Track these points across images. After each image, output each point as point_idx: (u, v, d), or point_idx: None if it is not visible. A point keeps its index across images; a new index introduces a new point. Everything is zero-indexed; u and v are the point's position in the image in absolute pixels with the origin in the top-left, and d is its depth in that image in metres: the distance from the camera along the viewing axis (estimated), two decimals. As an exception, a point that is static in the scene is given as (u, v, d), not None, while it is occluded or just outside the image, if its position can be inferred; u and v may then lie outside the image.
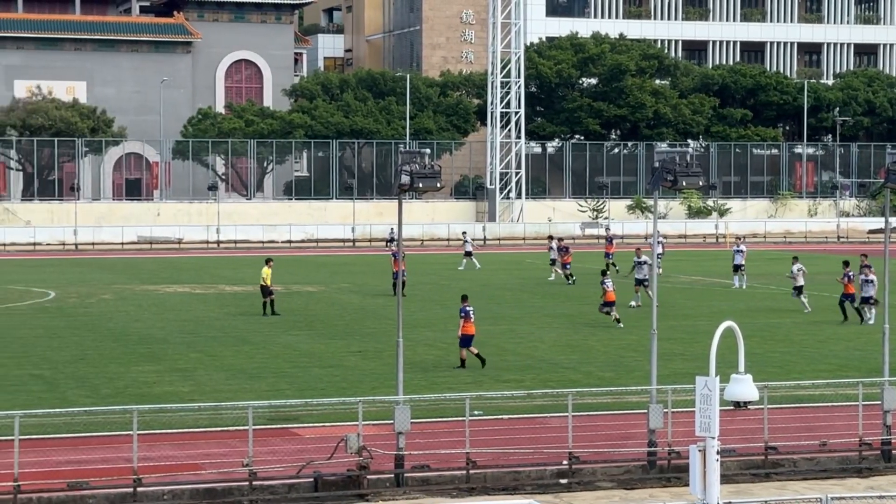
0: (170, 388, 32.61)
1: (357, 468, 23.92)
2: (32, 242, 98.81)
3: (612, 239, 72.18)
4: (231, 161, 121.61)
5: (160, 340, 41.61)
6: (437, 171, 25.03)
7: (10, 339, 41.95)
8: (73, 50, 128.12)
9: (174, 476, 23.61)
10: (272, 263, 49.99)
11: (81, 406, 29.06)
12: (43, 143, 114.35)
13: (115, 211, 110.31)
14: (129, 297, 56.69)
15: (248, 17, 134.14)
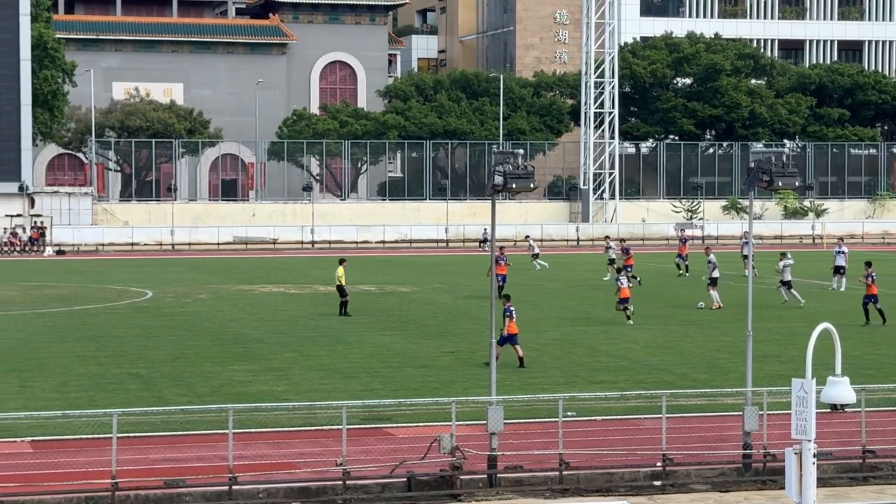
0: (265, 387, 32.82)
1: (450, 468, 23.93)
2: (130, 242, 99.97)
3: (685, 240, 71.25)
4: (325, 162, 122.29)
5: (255, 340, 41.92)
6: (531, 171, 24.98)
7: (109, 338, 42.47)
8: (171, 52, 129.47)
9: (269, 475, 23.76)
10: (346, 263, 50.07)
11: (178, 405, 29.34)
12: (141, 144, 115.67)
13: (211, 211, 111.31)
14: (224, 296, 57.17)
15: (342, 19, 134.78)
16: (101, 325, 45.95)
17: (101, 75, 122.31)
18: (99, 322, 47.09)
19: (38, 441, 26.05)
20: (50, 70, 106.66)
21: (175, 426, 26.66)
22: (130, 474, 22.98)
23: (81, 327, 45.52)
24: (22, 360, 37.25)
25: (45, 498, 22.21)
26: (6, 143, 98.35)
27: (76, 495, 22.37)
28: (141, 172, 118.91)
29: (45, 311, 51.13)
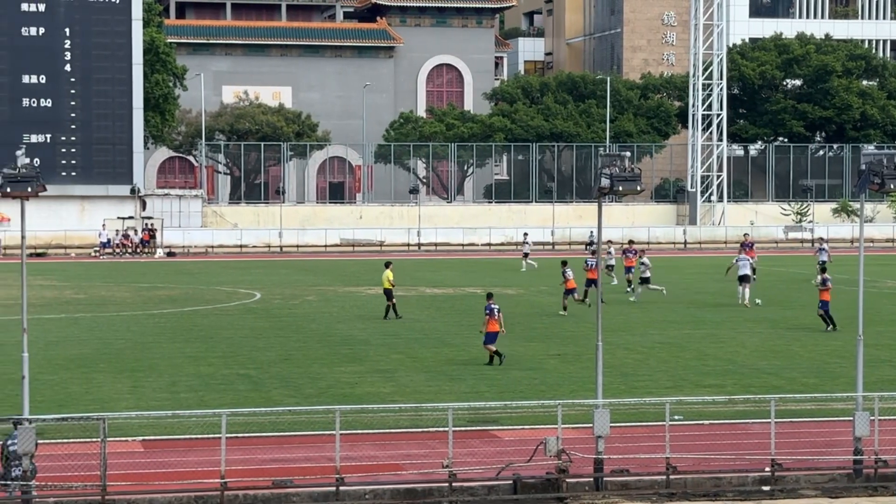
0: (371, 388, 32.99)
1: (556, 471, 23.91)
2: (239, 244, 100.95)
3: (752, 244, 70.04)
4: (432, 164, 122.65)
5: (362, 342, 42.14)
6: (638, 174, 24.89)
7: (219, 339, 42.93)
8: (279, 56, 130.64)
9: (375, 476, 23.88)
10: (392, 266, 50.13)
11: (286, 405, 29.60)
12: (250, 147, 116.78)
13: (319, 213, 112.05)
14: (332, 298, 57.54)
15: (449, 22, 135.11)
16: (211, 327, 46.45)
17: (211, 79, 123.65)
18: (209, 323, 47.61)
19: (149, 440, 26.41)
20: (161, 74, 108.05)
21: (283, 427, 26.90)
22: (239, 474, 23.22)
23: (192, 328, 46.05)
24: (133, 360, 37.78)
25: (155, 497, 22.51)
26: (118, 147, 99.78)
27: (186, 494, 22.65)
28: (250, 175, 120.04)
29: (155, 313, 51.80)
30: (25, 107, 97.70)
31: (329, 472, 23.38)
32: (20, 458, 21.88)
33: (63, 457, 22.93)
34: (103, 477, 22.23)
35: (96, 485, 22.25)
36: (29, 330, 26.50)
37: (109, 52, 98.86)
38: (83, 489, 22.36)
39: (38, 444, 22.27)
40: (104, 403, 30.22)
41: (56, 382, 33.53)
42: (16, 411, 26.64)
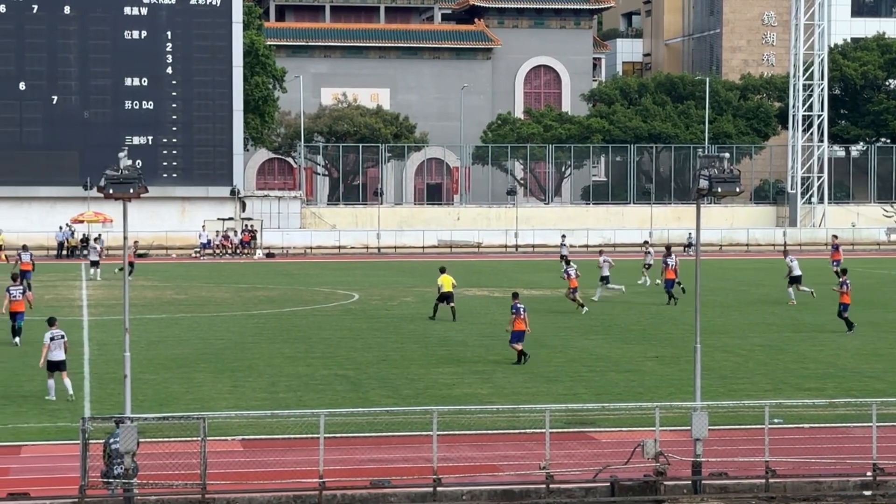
0: (469, 389, 33.03)
1: (654, 474, 23.81)
2: (337, 245, 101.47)
3: (838, 247, 69.13)
4: (529, 166, 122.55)
5: (459, 343, 42.20)
6: (737, 175, 24.72)
7: (317, 339, 43.20)
8: (378, 58, 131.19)
9: (472, 477, 23.91)
10: (446, 271, 50.17)
11: (384, 406, 29.72)
12: (348, 148, 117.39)
13: (417, 215, 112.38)
14: (429, 299, 57.53)
15: (547, 23, 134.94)
16: (310, 327, 46.76)
17: (310, 81, 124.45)
18: (307, 324, 47.93)
19: (248, 440, 26.64)
20: (261, 76, 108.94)
21: (381, 427, 27.02)
22: (337, 474, 23.35)
23: (290, 329, 46.38)
24: (233, 360, 38.12)
25: (254, 496, 22.70)
26: (219, 148, 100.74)
27: (285, 494, 22.81)
28: (348, 176, 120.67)
29: (255, 313, 52.23)
30: (128, 109, 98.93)
31: (426, 472, 23.44)
32: (122, 456, 22.17)
33: (164, 455, 23.19)
34: (203, 476, 22.46)
35: (196, 483, 22.48)
36: (131, 330, 26.86)
37: (210, 54, 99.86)
38: (183, 487, 22.60)
39: (140, 443, 22.54)
40: (204, 403, 30.53)
41: (157, 382, 33.92)
42: (118, 410, 27.01)
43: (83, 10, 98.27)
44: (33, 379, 33.94)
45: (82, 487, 22.17)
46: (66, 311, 52.46)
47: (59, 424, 28.09)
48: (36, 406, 30.39)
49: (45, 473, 24.36)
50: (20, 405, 30.50)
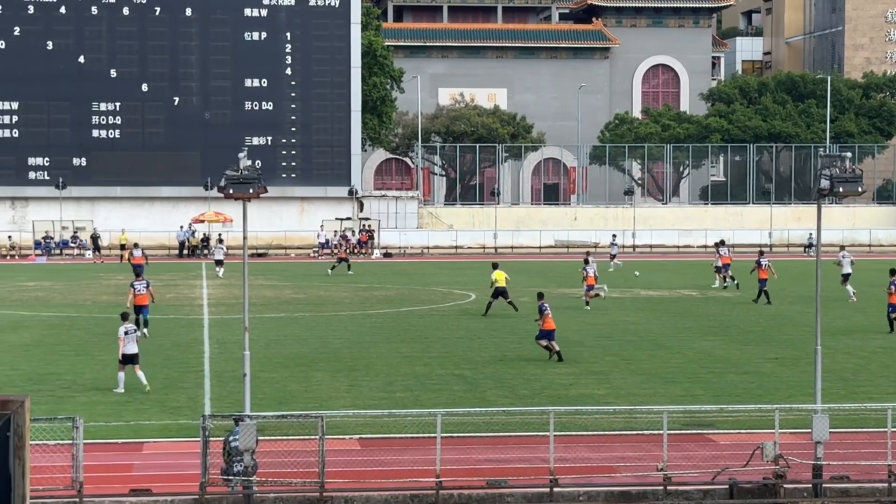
0: (585, 390, 32.94)
1: (773, 477, 23.56)
2: (454, 245, 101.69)
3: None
4: (647, 166, 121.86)
5: (576, 343, 42.09)
6: (859, 175, 24.38)
7: (434, 339, 43.33)
8: (495, 58, 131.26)
9: (589, 478, 23.84)
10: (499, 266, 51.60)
11: (500, 406, 29.74)
12: (465, 148, 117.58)
13: (533, 215, 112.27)
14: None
15: (665, 22, 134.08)
16: (427, 327, 46.90)
17: (427, 81, 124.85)
18: (424, 323, 48.08)
19: (365, 439, 26.78)
20: (379, 77, 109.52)
21: (497, 427, 27.03)
22: (454, 473, 23.39)
23: (408, 328, 46.56)
24: (351, 359, 38.35)
25: (372, 494, 22.82)
26: (337, 149, 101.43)
27: (402, 493, 22.90)
28: (465, 176, 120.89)
29: (372, 313, 52.51)
30: (248, 110, 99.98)
31: (543, 473, 23.41)
32: (242, 453, 22.40)
33: (282, 453, 23.39)
34: (321, 474, 22.62)
35: (314, 482, 22.65)
36: (250, 329, 27.12)
37: (329, 55, 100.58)
38: (302, 486, 22.78)
39: (259, 441, 22.76)
40: (322, 402, 30.74)
41: (276, 380, 34.23)
42: (238, 408, 27.30)
43: (204, 13, 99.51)
44: (155, 377, 34.42)
45: (202, 484, 22.43)
46: (186, 309, 53.17)
47: (180, 422, 28.45)
48: (157, 404, 30.83)
49: (167, 470, 24.69)
50: (142, 402, 30.95)
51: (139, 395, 31.80)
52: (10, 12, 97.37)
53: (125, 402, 31.03)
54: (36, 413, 22.37)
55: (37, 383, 33.36)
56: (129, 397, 31.61)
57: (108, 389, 32.62)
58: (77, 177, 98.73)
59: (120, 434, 27.31)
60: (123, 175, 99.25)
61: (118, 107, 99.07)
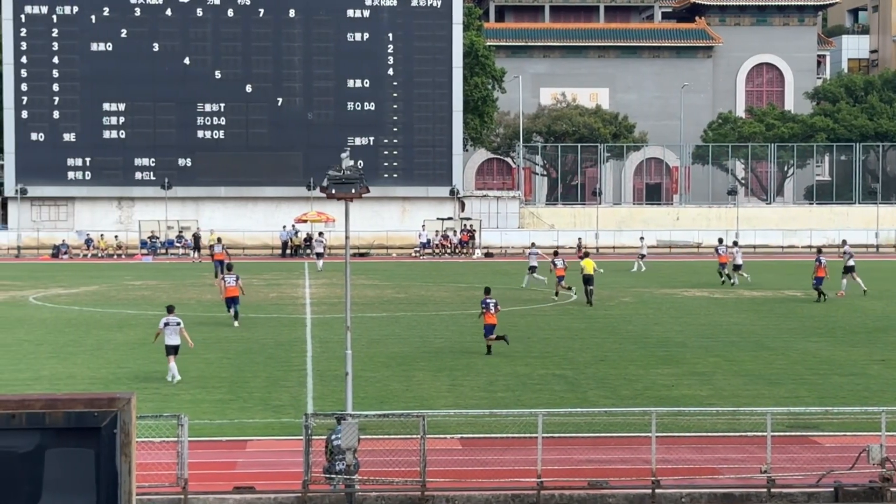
0: (688, 391, 32.75)
1: (880, 480, 23.27)
2: (555, 245, 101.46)
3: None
4: (751, 165, 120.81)
5: (678, 344, 41.85)
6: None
7: (536, 339, 43.30)
8: (597, 57, 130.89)
9: (691, 479, 23.70)
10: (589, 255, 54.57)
11: (601, 406, 29.65)
12: (566, 148, 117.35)
13: (635, 215, 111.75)
14: (648, 300, 57.31)
15: (770, 20, 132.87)
16: (528, 327, 46.87)
17: (529, 81, 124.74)
18: (526, 323, 48.06)
19: (466, 438, 26.82)
20: (480, 77, 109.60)
21: (598, 428, 26.95)
22: (555, 474, 23.36)
23: (509, 328, 46.50)
24: (452, 359, 38.44)
25: (473, 494, 22.85)
26: (438, 149, 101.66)
27: (503, 493, 22.91)
28: (567, 176, 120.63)
29: (473, 312, 52.52)
30: (350, 110, 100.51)
31: (645, 474, 23.32)
32: (344, 452, 22.53)
33: (384, 452, 23.50)
34: (423, 473, 22.69)
35: (416, 481, 22.73)
36: (352, 328, 27.27)
37: (430, 55, 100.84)
38: (403, 485, 22.86)
39: (361, 440, 22.88)
40: (423, 401, 30.83)
41: (378, 379, 34.38)
42: (340, 407, 27.47)
43: (307, 13, 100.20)
44: (257, 375, 34.74)
45: (305, 482, 22.59)
46: (289, 308, 53.59)
47: (283, 420, 28.68)
48: (261, 402, 31.10)
49: (270, 468, 24.90)
50: (245, 401, 31.24)
51: (242, 394, 32.10)
52: (117, 14, 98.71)
53: (229, 400, 31.34)
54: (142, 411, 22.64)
55: (143, 381, 33.79)
56: (232, 395, 31.93)
57: (212, 388, 32.97)
58: (182, 177, 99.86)
59: (224, 432, 27.58)
60: (227, 175, 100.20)
61: (223, 108, 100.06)
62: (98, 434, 5.85)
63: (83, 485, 5.86)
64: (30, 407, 5.86)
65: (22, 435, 5.86)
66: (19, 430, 5.86)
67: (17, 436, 5.86)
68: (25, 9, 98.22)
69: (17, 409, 5.86)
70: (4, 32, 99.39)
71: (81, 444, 5.85)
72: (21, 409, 5.86)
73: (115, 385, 33.40)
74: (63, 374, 35.07)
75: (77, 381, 33.89)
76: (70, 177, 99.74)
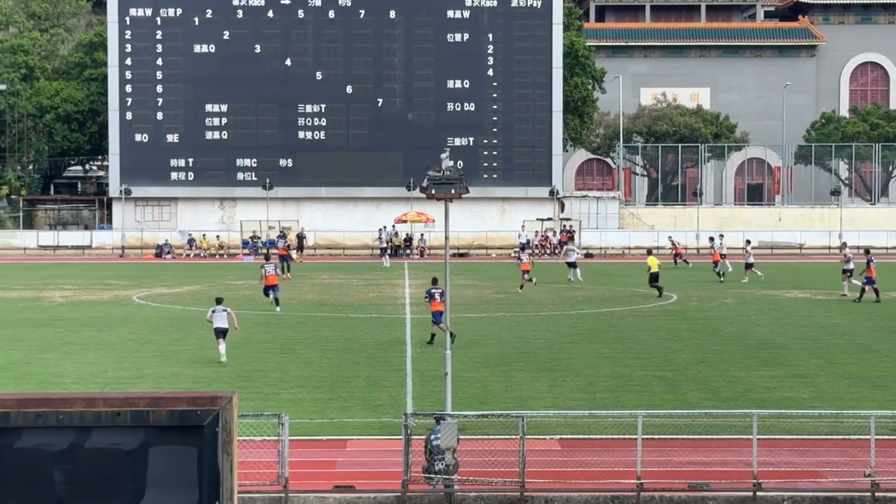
0: (790, 393, 32.42)
1: None
2: (655, 246, 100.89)
3: None
4: (854, 165, 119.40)
5: (780, 346, 41.45)
6: None
7: (635, 340, 43.10)
8: (698, 57, 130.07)
9: (793, 482, 23.46)
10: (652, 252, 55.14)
11: (702, 408, 29.42)
12: (667, 148, 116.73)
13: (737, 215, 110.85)
14: (749, 301, 56.84)
15: (874, 19, 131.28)
16: (628, 328, 46.66)
17: (629, 81, 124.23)
18: (625, 324, 47.86)
19: (566, 439, 26.74)
20: (580, 77, 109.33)
21: (699, 430, 26.76)
22: (655, 475, 23.24)
23: (608, 329, 46.39)
24: (552, 359, 38.36)
25: (572, 495, 22.79)
26: (538, 149, 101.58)
27: (602, 494, 22.83)
28: (667, 177, 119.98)
29: (572, 313, 52.43)
30: (450, 111, 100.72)
31: (746, 476, 23.12)
32: (443, 452, 22.57)
33: (483, 452, 23.50)
34: (522, 474, 22.67)
35: (515, 481, 22.71)
36: (452, 328, 27.30)
37: (530, 56, 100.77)
38: (502, 485, 22.86)
39: (460, 440, 22.90)
40: (523, 401, 30.80)
41: (477, 380, 34.40)
42: (439, 407, 27.52)
43: (408, 14, 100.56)
44: (357, 375, 34.91)
45: (405, 482, 22.66)
46: (389, 308, 53.79)
47: (383, 420, 28.78)
48: (361, 401, 31.24)
49: (369, 467, 25.01)
50: (345, 400, 31.39)
51: (342, 393, 32.27)
52: (220, 16, 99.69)
53: (329, 399, 31.52)
54: (243, 409, 22.88)
55: (244, 380, 34.09)
56: (332, 395, 32.10)
57: (313, 387, 33.18)
58: (283, 177, 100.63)
59: (324, 431, 27.74)
60: (328, 176, 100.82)
61: (323, 108, 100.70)
62: (200, 432, 5.92)
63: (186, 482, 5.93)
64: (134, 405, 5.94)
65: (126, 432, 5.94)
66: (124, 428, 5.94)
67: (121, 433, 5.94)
68: (130, 11, 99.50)
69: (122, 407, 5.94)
70: (110, 35, 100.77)
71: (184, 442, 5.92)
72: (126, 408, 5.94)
73: (216, 384, 33.73)
74: (166, 373, 35.48)
75: (180, 380, 34.27)
76: (173, 177, 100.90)
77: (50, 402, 5.93)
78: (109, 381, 34.01)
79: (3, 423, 5.91)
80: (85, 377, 34.65)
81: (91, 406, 5.92)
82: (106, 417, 5.91)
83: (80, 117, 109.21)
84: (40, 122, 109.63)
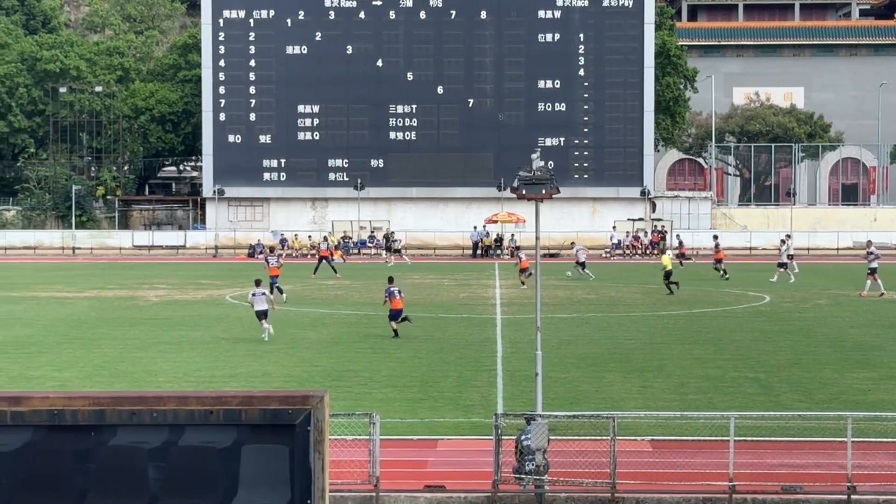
0: (885, 395, 32.04)
1: None
2: (748, 247, 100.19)
3: None
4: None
5: (875, 347, 40.98)
6: None
7: (728, 341, 42.79)
8: (791, 56, 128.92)
9: (889, 486, 23.18)
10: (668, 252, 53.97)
11: (795, 410, 29.16)
12: (759, 149, 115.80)
13: (831, 216, 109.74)
14: (844, 303, 56.26)
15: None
16: (720, 329, 46.35)
17: (721, 81, 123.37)
18: (718, 325, 47.54)
19: (657, 440, 26.62)
20: (672, 77, 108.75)
21: (792, 432, 26.51)
22: (747, 478, 23.07)
23: (700, 330, 46.11)
24: (643, 360, 38.19)
25: (663, 497, 22.68)
26: (629, 149, 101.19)
27: (694, 496, 22.70)
28: (759, 177, 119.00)
29: (664, 314, 52.16)
30: (540, 111, 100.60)
31: (840, 479, 22.88)
32: (534, 452, 22.54)
33: (574, 453, 23.45)
34: (612, 475, 22.59)
35: (606, 482, 22.64)
36: (542, 329, 27.27)
37: (621, 56, 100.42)
38: (593, 486, 22.79)
39: (551, 440, 22.87)
40: (614, 402, 30.69)
41: (568, 380, 34.33)
42: (530, 407, 27.49)
43: (499, 15, 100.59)
44: (448, 375, 34.96)
45: (495, 482, 22.67)
46: (479, 308, 53.82)
47: (473, 420, 28.80)
48: (451, 402, 31.29)
49: (460, 467, 25.04)
50: (436, 400, 31.45)
51: (433, 393, 32.34)
52: (313, 18, 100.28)
53: (420, 399, 31.60)
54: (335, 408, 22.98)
55: (335, 379, 34.26)
56: (422, 395, 32.17)
57: (404, 387, 33.27)
58: (374, 178, 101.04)
59: (415, 431, 27.81)
60: (419, 176, 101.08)
61: (414, 109, 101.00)
62: (292, 431, 5.96)
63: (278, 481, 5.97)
64: (227, 404, 5.99)
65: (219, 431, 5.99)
66: (217, 426, 5.99)
67: (214, 432, 6.00)
68: (224, 13, 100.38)
69: (215, 405, 5.99)
70: (203, 36, 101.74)
71: (276, 441, 5.96)
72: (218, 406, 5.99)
73: (308, 383, 33.92)
74: (258, 372, 35.74)
75: (272, 379, 34.52)
76: (266, 178, 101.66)
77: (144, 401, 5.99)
78: (202, 380, 34.34)
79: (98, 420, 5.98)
80: (178, 376, 35.00)
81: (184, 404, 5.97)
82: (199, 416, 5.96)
83: (175, 118, 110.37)
84: (135, 123, 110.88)
